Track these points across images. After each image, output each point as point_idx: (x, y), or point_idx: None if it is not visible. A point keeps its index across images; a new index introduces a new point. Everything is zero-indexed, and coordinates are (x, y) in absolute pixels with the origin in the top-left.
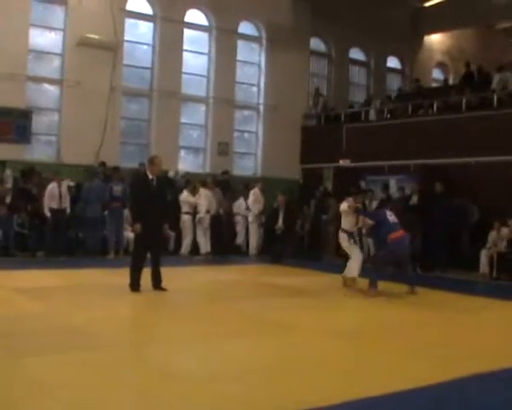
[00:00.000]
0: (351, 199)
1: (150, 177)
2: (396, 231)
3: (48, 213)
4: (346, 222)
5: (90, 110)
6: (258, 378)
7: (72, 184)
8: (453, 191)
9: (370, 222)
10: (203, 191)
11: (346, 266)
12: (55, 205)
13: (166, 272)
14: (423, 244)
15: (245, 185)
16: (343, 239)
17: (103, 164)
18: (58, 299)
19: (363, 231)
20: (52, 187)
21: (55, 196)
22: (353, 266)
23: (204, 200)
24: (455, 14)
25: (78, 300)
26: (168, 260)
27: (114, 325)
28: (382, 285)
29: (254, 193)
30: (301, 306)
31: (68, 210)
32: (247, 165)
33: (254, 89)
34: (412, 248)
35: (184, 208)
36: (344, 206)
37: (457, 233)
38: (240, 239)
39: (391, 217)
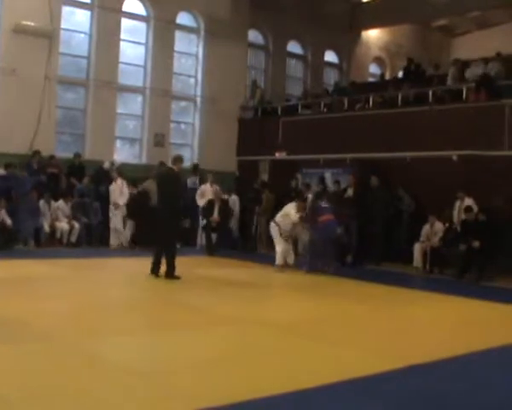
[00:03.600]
0: (296, 207)
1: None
2: (324, 215)
3: None
4: (286, 224)
5: (25, 98)
6: (197, 370)
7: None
8: (389, 185)
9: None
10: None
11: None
12: None
13: (98, 264)
14: (358, 237)
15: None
16: (274, 231)
17: (37, 153)
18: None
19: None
20: None
21: None
22: (278, 256)
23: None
24: (392, 11)
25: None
26: (98, 252)
27: (55, 319)
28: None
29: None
30: (235, 297)
31: None
32: (183, 156)
33: (192, 80)
34: (347, 240)
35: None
36: (294, 216)
37: (393, 226)
38: None
39: (324, 204)
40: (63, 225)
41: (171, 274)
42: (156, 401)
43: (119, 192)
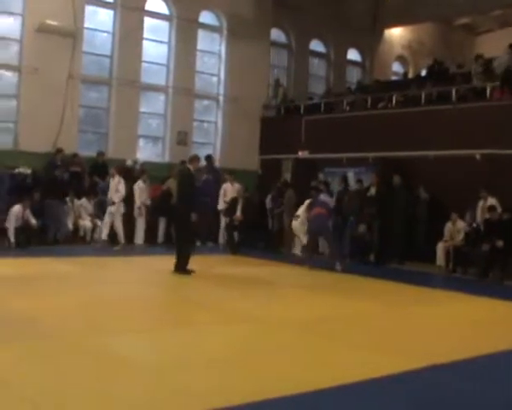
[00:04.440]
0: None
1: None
2: (316, 208)
3: None
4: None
5: (48, 97)
6: (212, 369)
7: (28, 171)
8: (411, 184)
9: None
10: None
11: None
12: None
13: (123, 263)
14: (380, 236)
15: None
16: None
17: (60, 151)
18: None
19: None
20: None
21: None
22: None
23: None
24: (415, 9)
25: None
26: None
27: (65, 316)
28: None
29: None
30: (253, 295)
31: None
32: (199, 156)
33: (214, 79)
34: (369, 239)
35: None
36: (301, 209)
37: (414, 225)
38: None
39: (323, 198)
40: (86, 223)
41: (182, 268)
42: (168, 399)
43: (115, 189)
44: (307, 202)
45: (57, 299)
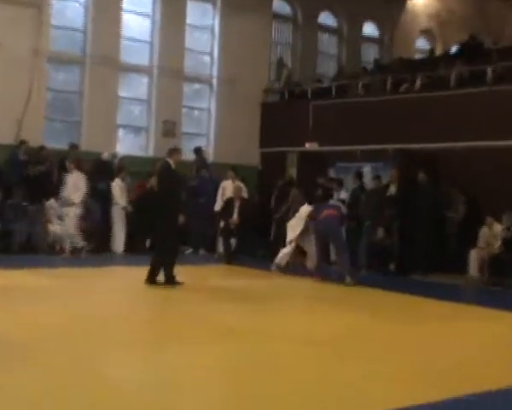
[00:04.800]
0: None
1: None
2: (326, 210)
3: None
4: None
5: (8, 79)
6: (203, 389)
7: None
8: (438, 181)
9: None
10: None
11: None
12: None
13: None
14: (402, 242)
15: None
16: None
17: (23, 143)
18: None
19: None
20: None
21: None
22: (282, 256)
23: None
24: None
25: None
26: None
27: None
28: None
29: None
30: (251, 309)
31: None
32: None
33: (207, 58)
34: (389, 245)
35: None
36: (303, 212)
37: (442, 230)
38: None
39: (332, 203)
40: (56, 227)
41: (170, 279)
42: None
43: (73, 187)
44: (304, 209)
45: (29, 317)
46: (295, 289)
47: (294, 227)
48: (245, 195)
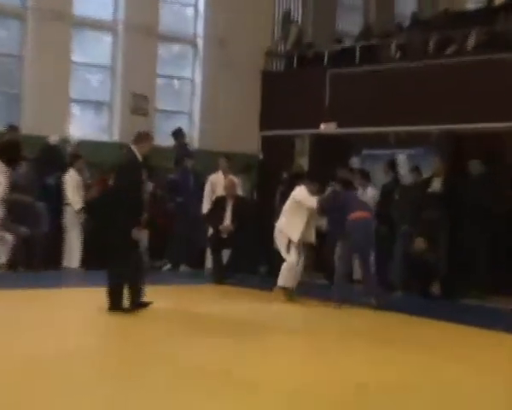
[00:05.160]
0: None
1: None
2: (358, 211)
3: None
4: (293, 220)
5: None
6: None
7: None
8: (500, 174)
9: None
10: None
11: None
12: None
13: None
14: (450, 255)
15: None
16: (281, 242)
17: None
18: None
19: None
20: None
21: None
22: (284, 274)
23: None
24: None
25: None
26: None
27: None
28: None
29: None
30: (257, 350)
31: None
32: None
33: (189, 12)
34: (433, 259)
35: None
36: (310, 200)
37: (505, 239)
38: None
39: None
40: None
41: (136, 302)
42: None
43: None
44: (299, 193)
45: None
46: (309, 318)
47: (294, 224)
48: (240, 192)
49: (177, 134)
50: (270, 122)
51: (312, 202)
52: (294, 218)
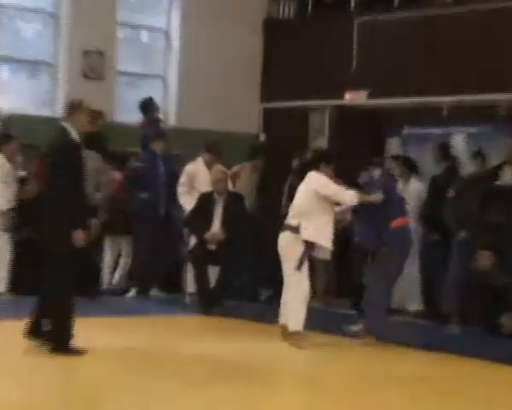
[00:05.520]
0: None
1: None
2: (404, 216)
3: None
4: (319, 221)
5: None
6: None
7: None
8: None
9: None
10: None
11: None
12: None
13: None
14: None
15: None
16: (291, 256)
17: None
18: None
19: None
20: None
21: None
22: (298, 310)
23: None
24: None
25: None
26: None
27: None
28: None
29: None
30: (254, 401)
31: None
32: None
33: None
34: (503, 283)
35: None
36: (333, 190)
37: None
38: None
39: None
40: None
41: (60, 344)
42: None
43: None
44: (314, 179)
45: None
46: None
47: (321, 227)
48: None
49: (146, 106)
50: (276, 90)
51: (350, 196)
52: (320, 217)
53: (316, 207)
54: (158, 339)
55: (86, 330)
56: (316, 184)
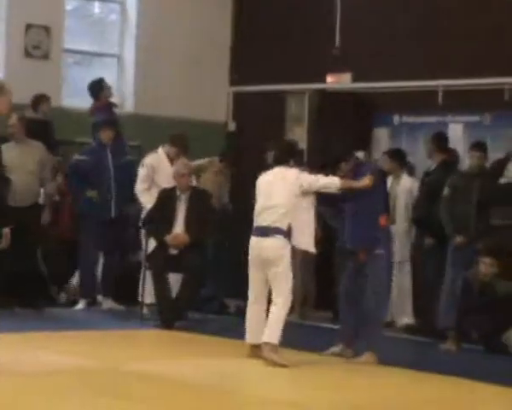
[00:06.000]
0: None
1: None
2: (388, 213)
3: None
4: (301, 221)
5: None
6: None
7: None
8: None
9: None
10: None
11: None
12: None
13: None
14: None
15: None
16: (284, 259)
17: None
18: None
19: None
20: None
21: None
22: (279, 319)
23: None
24: None
25: None
26: None
27: None
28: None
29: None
30: None
31: None
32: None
33: None
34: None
35: None
36: (329, 181)
37: None
38: None
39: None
40: None
41: None
42: None
43: None
44: (298, 179)
45: None
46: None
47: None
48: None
49: (95, 89)
50: (248, 72)
51: (334, 179)
52: (301, 216)
53: (295, 206)
54: (105, 354)
55: (26, 344)
56: (295, 179)
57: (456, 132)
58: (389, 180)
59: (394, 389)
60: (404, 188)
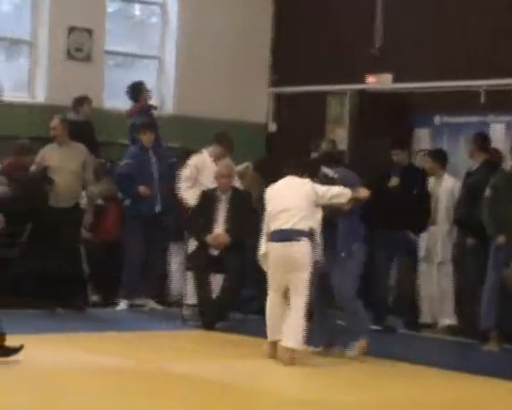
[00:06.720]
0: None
1: None
2: None
3: None
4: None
5: None
6: None
7: None
8: None
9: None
10: None
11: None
12: None
13: None
14: None
15: None
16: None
17: None
18: None
19: None
20: None
21: None
22: (301, 324)
23: None
24: None
25: None
26: None
27: None
28: None
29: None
30: None
31: None
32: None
33: None
34: None
35: None
36: (337, 192)
37: None
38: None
39: None
40: None
41: None
42: None
43: None
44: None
45: None
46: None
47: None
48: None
49: (135, 91)
50: (288, 73)
51: (345, 190)
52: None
53: (309, 212)
54: (146, 355)
55: (68, 346)
56: (311, 188)
57: (498, 132)
58: (431, 181)
59: (433, 389)
60: (445, 189)
